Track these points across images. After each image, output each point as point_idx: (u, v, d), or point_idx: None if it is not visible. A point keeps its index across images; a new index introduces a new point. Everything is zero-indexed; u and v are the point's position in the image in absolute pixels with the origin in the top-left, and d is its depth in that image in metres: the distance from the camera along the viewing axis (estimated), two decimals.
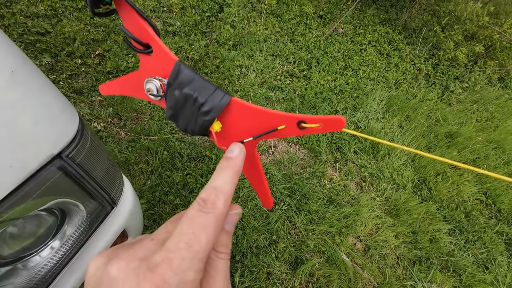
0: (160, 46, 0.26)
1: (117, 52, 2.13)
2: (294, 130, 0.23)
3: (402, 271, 1.60)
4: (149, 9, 2.61)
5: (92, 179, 0.40)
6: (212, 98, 0.25)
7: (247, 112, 0.25)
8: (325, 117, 0.22)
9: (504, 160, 2.30)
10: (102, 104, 1.81)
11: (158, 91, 0.27)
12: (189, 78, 0.25)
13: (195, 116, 0.26)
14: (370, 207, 1.78)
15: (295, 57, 2.68)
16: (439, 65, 3.02)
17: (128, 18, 0.27)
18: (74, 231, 0.43)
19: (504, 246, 1.84)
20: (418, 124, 2.35)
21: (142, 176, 1.56)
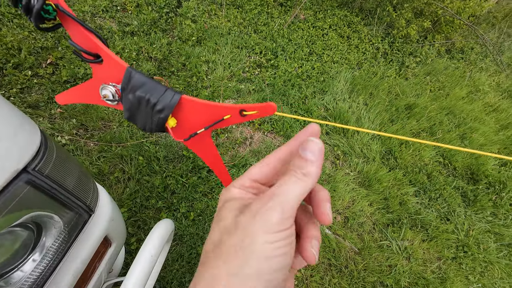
0: (109, 55, 0.29)
1: (71, 59, 2.00)
2: (238, 118, 0.28)
3: (378, 234, 1.77)
4: (101, 9, 2.45)
5: (64, 189, 0.41)
6: (163, 98, 0.28)
7: (197, 107, 0.28)
8: (260, 104, 0.26)
9: (455, 123, 2.58)
10: (64, 116, 1.70)
11: (114, 96, 0.30)
12: (141, 82, 0.28)
13: (150, 115, 0.29)
14: (345, 182, 1.92)
15: (260, 47, 2.71)
16: (395, 43, 3.23)
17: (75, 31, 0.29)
18: (53, 242, 0.43)
19: (460, 199, 2.10)
20: (380, 100, 2.53)
21: (120, 184, 1.52)
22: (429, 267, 1.71)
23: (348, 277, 1.54)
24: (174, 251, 1.40)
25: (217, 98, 2.21)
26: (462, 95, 2.87)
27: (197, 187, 1.63)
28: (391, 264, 1.66)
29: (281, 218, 0.19)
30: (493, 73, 3.40)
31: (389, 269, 1.64)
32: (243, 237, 0.19)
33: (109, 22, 2.43)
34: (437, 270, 1.72)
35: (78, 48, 0.29)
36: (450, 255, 1.79)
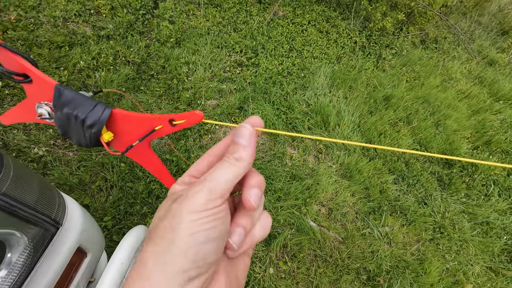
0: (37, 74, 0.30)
1: (45, 66, 1.94)
2: (169, 128, 0.30)
3: (360, 223, 1.85)
4: (73, 13, 2.38)
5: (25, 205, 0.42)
6: (92, 113, 0.29)
7: (129, 119, 0.30)
8: (187, 113, 0.29)
9: (430, 111, 2.70)
10: (40, 127, 1.66)
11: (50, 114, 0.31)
12: (69, 99, 0.29)
13: (82, 131, 0.30)
14: (328, 175, 1.99)
15: (240, 46, 2.71)
16: (372, 36, 3.32)
17: (1, 54, 0.30)
18: (18, 257, 0.44)
19: (436, 183, 2.22)
20: (359, 93, 2.61)
21: (102, 193, 1.51)
22: (408, 250, 1.81)
23: (333, 266, 1.62)
24: None
25: (198, 99, 2.21)
26: (436, 84, 3.00)
27: None
28: (373, 250, 1.74)
29: (208, 199, 0.20)
30: (465, 61, 3.56)
31: (372, 255, 1.72)
32: (171, 220, 0.20)
33: (83, 26, 2.37)
34: (416, 252, 1.82)
35: (4, 70, 0.31)
36: (428, 237, 1.90)
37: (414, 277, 1.69)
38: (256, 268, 1.49)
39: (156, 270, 0.19)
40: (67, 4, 2.45)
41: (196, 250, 0.19)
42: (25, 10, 2.26)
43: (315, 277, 1.54)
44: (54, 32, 2.18)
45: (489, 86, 3.28)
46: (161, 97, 2.15)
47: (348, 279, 1.59)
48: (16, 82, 0.31)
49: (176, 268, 0.19)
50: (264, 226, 0.26)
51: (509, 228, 2.11)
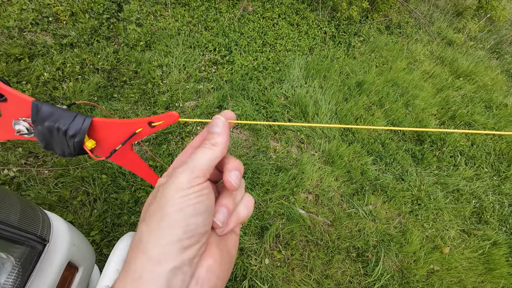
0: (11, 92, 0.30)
1: None
2: (149, 130, 0.32)
3: (346, 204, 1.95)
4: (29, 22, 2.22)
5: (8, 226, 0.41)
6: (73, 124, 0.31)
7: (110, 126, 0.32)
8: (163, 114, 0.31)
9: (400, 93, 2.87)
10: (6, 147, 1.56)
11: (29, 129, 0.32)
12: (48, 113, 0.30)
13: (65, 142, 0.31)
14: (311, 163, 2.06)
15: (213, 44, 2.69)
16: (340, 25, 3.43)
17: None
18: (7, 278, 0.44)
19: (411, 159, 2.38)
20: (333, 82, 2.71)
21: (86, 208, 1.46)
22: (391, 224, 1.95)
23: (324, 248, 1.70)
24: None
25: (176, 101, 2.17)
26: (403, 67, 3.18)
27: None
28: (360, 228, 1.85)
29: (190, 177, 0.23)
30: (427, 43, 3.80)
31: (359, 233, 1.83)
32: (160, 200, 0.22)
33: (42, 36, 2.22)
34: (398, 225, 1.96)
35: None
36: (407, 210, 2.04)
37: (398, 248, 1.82)
38: (252, 261, 1.53)
39: (151, 243, 0.21)
40: (21, 13, 2.28)
41: (186, 222, 0.21)
42: None
43: (309, 261, 1.61)
44: (10, 44, 2.03)
45: (449, 65, 3.54)
46: (137, 103, 2.09)
47: (340, 258, 1.68)
48: None
49: (170, 239, 0.21)
50: (247, 205, 0.28)
51: (476, 193, 2.33)
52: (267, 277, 1.49)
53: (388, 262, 1.76)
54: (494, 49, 4.26)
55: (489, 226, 2.15)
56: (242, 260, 1.52)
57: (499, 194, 2.40)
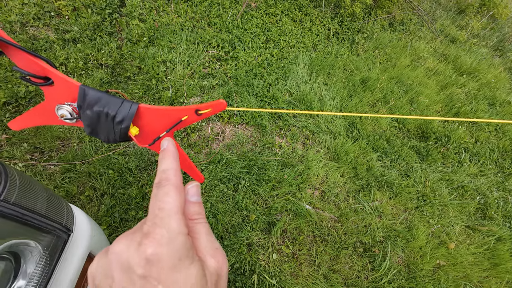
0: (59, 76, 0.29)
1: (7, 77, 1.79)
2: (195, 118, 0.31)
3: (352, 200, 1.95)
4: (31, 17, 2.20)
5: (36, 214, 0.40)
6: (121, 109, 0.30)
7: (155, 113, 0.31)
8: (212, 102, 0.30)
9: (404, 90, 2.86)
10: (12, 142, 1.55)
11: (72, 114, 0.31)
12: (96, 98, 0.29)
13: (112, 127, 0.31)
14: (317, 159, 2.05)
15: (217, 40, 2.67)
16: (344, 22, 3.41)
17: (19, 57, 0.29)
18: (36, 267, 0.43)
19: (416, 156, 2.38)
20: (338, 78, 2.70)
21: (93, 203, 1.45)
22: (397, 219, 1.95)
23: (331, 244, 1.70)
24: None
25: (181, 98, 2.16)
26: (406, 64, 3.18)
27: None
28: (366, 224, 1.85)
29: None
30: (430, 40, 3.79)
31: (365, 228, 1.83)
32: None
33: (44, 31, 2.20)
34: (404, 221, 1.96)
35: (25, 73, 0.30)
36: (413, 206, 2.04)
37: (404, 243, 1.82)
38: (260, 256, 1.53)
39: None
40: (22, 8, 2.25)
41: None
42: None
43: (316, 256, 1.61)
44: (12, 39, 2.00)
45: (453, 62, 3.53)
46: (141, 98, 2.08)
47: (347, 253, 1.68)
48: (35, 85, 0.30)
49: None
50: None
51: (480, 189, 2.33)
52: (276, 272, 1.49)
53: (394, 257, 1.76)
54: (497, 46, 4.25)
55: (493, 222, 2.15)
56: (250, 255, 1.51)
57: (503, 190, 2.40)
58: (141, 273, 0.19)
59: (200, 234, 0.24)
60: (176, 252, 0.19)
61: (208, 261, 0.22)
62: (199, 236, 0.23)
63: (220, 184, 1.74)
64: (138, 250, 0.19)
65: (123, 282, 0.19)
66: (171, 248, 0.19)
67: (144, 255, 0.19)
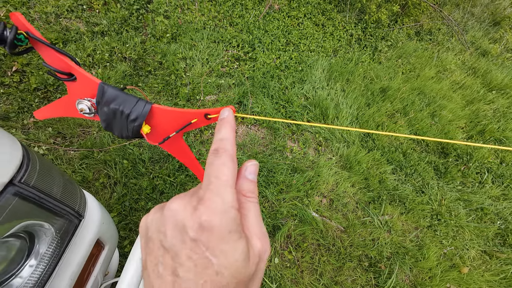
0: (82, 73, 0.31)
1: (39, 64, 1.91)
2: (204, 121, 0.32)
3: (361, 212, 1.90)
4: (65, 9, 2.33)
5: (52, 198, 0.43)
6: (135, 108, 0.31)
7: (167, 114, 0.32)
8: (221, 108, 0.30)
9: (426, 102, 2.74)
10: (38, 126, 1.65)
11: (90, 109, 0.33)
12: (113, 96, 0.31)
13: (125, 124, 0.32)
14: (328, 167, 2.02)
15: (237, 40, 2.70)
16: (367, 28, 3.33)
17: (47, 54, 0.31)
18: (47, 249, 0.46)
19: (433, 172, 2.28)
20: (356, 86, 2.63)
21: (106, 190, 1.52)
22: (407, 236, 1.87)
23: (336, 254, 1.66)
24: None
25: (197, 95, 2.20)
26: (431, 75, 3.04)
27: (185, 185, 1.65)
28: (374, 238, 1.79)
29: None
30: (459, 52, 3.61)
31: (373, 242, 1.77)
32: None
33: (76, 22, 2.32)
34: (415, 238, 1.88)
35: (52, 69, 0.32)
36: (426, 224, 1.95)
37: (413, 262, 1.74)
38: None
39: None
40: (58, 0, 2.39)
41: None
42: (15, 6, 2.20)
43: (319, 265, 1.58)
44: (47, 29, 2.14)
45: (482, 77, 3.34)
46: (159, 93, 2.14)
47: (351, 266, 1.63)
48: (60, 80, 0.32)
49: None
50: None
51: (502, 214, 2.19)
52: (276, 277, 1.48)
53: (401, 276, 1.70)
54: None
55: None
56: None
57: None
58: (192, 236, 0.19)
59: (250, 212, 0.23)
60: (228, 224, 0.20)
61: (254, 241, 0.22)
62: (248, 214, 0.23)
63: None
64: (194, 214, 0.20)
65: (175, 240, 0.20)
66: (224, 219, 0.20)
67: (199, 220, 0.20)
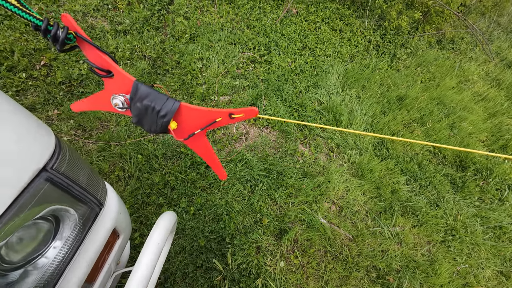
0: (119, 71, 0.34)
1: (65, 60, 2.01)
2: (228, 120, 0.34)
3: (371, 222, 1.86)
4: (92, 8, 2.44)
5: (78, 185, 0.46)
6: (165, 105, 0.33)
7: (194, 112, 0.34)
8: (245, 108, 0.32)
9: (445, 113, 2.65)
10: (61, 117, 1.73)
11: (123, 104, 0.35)
12: (146, 93, 0.33)
13: (155, 120, 0.34)
14: (339, 173, 1.99)
15: (254, 43, 2.73)
16: (386, 35, 3.27)
17: (90, 52, 0.34)
18: (71, 233, 0.48)
19: (450, 186, 2.19)
20: (372, 93, 2.59)
21: (120, 182, 1.57)
22: (419, 250, 1.81)
23: (343, 263, 1.63)
24: (177, 244, 1.46)
25: (212, 95, 2.24)
26: (452, 85, 2.94)
27: (196, 183, 1.68)
28: (383, 249, 1.74)
29: None
30: (482, 63, 3.47)
31: (382, 253, 1.73)
32: None
33: (101, 21, 2.42)
34: (427, 253, 1.81)
35: (93, 65, 0.34)
36: (439, 239, 1.88)
37: (424, 277, 1.68)
38: (267, 261, 1.52)
39: None
40: None
41: None
42: (46, 4, 2.33)
43: (325, 273, 1.56)
44: None
45: (507, 89, 3.19)
46: (175, 91, 2.19)
47: (358, 276, 1.60)
48: (99, 76, 0.35)
49: None
50: None
51: None
52: (281, 280, 1.47)
53: None
54: None
55: None
56: (258, 258, 1.51)
57: None
58: None
59: None
60: None
61: None
62: None
63: (238, 183, 1.77)
64: None
65: None
66: None
67: None
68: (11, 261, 0.41)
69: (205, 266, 1.43)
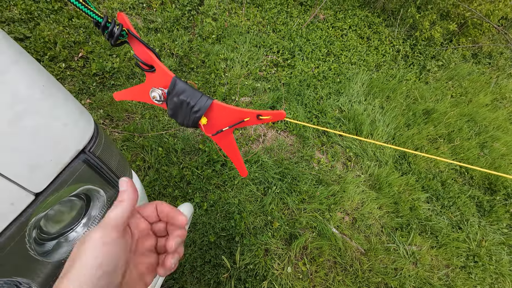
0: (161, 66, 0.36)
1: (100, 53, 2.14)
2: (255, 121, 0.35)
3: (386, 237, 1.78)
4: (128, 6, 2.59)
5: (109, 169, 0.49)
6: (199, 101, 0.35)
7: (224, 110, 0.36)
8: (273, 111, 0.33)
9: (476, 131, 2.49)
10: (92, 106, 1.85)
11: (161, 97, 0.38)
12: (183, 89, 0.35)
13: (188, 114, 0.36)
14: (355, 184, 1.94)
15: (278, 46, 2.74)
16: (417, 45, 3.15)
17: (137, 47, 0.37)
18: (99, 213, 0.52)
19: (475, 208, 2.05)
20: (397, 104, 2.50)
21: (140, 172, 1.64)
22: (436, 273, 1.71)
23: (353, 276, 1.58)
24: (188, 237, 1.50)
25: (233, 95, 2.28)
26: (486, 102, 2.76)
27: (211, 179, 1.72)
28: (397, 267, 1.67)
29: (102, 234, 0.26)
30: None
31: (395, 272, 1.65)
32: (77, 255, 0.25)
33: (135, 19, 2.56)
34: (444, 277, 1.71)
35: (139, 60, 0.37)
36: (459, 264, 1.76)
37: None
38: (274, 264, 1.52)
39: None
40: None
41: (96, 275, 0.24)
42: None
43: (333, 284, 1.52)
44: None
45: None
46: (198, 89, 2.26)
47: None
48: (144, 70, 0.38)
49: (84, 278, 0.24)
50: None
51: None
52: (287, 286, 1.46)
53: None
54: None
55: None
56: (266, 260, 1.51)
57: None
58: None
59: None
60: None
61: None
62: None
63: (252, 184, 1.78)
64: None
65: None
66: None
67: None
68: (48, 232, 0.46)
69: (213, 262, 1.46)
